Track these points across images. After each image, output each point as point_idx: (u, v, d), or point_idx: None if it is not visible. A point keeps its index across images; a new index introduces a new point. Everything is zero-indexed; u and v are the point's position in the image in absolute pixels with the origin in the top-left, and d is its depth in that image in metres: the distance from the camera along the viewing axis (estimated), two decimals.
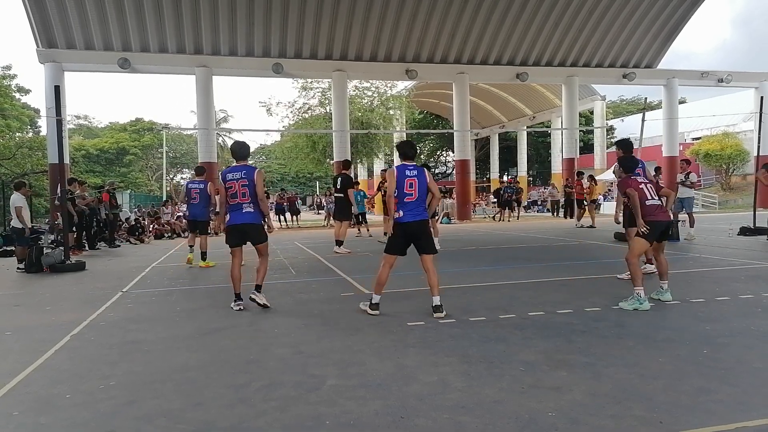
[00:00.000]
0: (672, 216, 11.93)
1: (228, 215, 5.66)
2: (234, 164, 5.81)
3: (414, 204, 5.12)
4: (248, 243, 5.71)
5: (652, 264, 6.67)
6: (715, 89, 28.77)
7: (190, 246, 9.66)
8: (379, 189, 16.91)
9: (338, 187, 11.48)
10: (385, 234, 11.42)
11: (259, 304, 5.57)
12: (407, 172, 5.16)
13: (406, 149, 5.36)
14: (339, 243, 10.99)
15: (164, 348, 4.34)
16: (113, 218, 14.80)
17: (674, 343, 3.97)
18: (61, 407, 3.14)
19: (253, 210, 5.54)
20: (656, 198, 5.42)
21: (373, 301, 5.18)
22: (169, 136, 49.18)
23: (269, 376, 3.56)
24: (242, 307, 5.60)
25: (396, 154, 34.81)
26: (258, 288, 5.63)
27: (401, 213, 5.12)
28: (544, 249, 10.90)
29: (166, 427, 2.82)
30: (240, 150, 5.73)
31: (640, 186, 5.43)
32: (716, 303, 5.28)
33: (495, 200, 26.29)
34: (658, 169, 12.29)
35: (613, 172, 7.27)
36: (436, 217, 16.07)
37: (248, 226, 5.58)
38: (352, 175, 15.05)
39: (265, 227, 5.78)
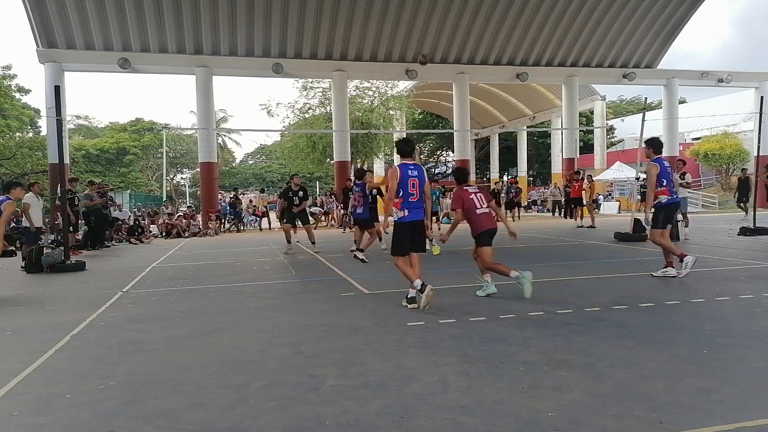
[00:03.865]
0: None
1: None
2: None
3: (417, 203, 5.34)
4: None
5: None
6: (715, 89, 28.82)
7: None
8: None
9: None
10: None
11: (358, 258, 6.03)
12: (409, 172, 5.31)
13: (404, 146, 5.50)
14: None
15: (164, 348, 4.34)
16: (104, 219, 14.76)
17: (674, 343, 3.97)
18: (61, 407, 3.14)
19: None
20: (485, 206, 5.91)
21: (409, 296, 5.39)
22: (169, 136, 49.25)
23: (269, 376, 3.55)
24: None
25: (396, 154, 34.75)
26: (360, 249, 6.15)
27: (405, 212, 5.25)
28: (544, 249, 10.90)
29: (166, 427, 2.82)
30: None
31: (470, 197, 5.91)
32: (716, 303, 5.27)
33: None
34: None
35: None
36: (436, 218, 16.15)
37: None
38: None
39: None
